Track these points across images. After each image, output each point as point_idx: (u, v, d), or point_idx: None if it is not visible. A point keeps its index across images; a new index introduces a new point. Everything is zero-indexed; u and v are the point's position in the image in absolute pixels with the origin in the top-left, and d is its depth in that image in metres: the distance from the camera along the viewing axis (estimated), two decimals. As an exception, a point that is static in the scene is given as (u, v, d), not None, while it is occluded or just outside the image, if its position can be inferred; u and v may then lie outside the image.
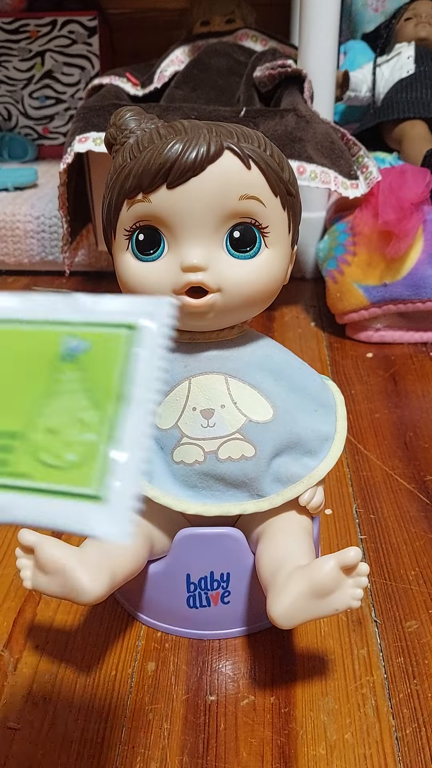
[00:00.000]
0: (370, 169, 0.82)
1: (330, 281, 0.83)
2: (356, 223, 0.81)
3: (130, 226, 0.41)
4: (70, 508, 0.21)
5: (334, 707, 0.41)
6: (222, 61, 1.01)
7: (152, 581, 0.45)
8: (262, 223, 0.40)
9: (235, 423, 0.42)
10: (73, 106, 1.34)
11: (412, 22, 1.13)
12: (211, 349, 0.43)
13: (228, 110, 0.83)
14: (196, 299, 0.40)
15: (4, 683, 0.43)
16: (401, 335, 0.84)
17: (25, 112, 1.36)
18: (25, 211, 1.03)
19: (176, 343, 0.44)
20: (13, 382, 0.23)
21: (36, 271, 1.07)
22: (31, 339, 0.24)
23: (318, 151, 0.80)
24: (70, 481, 0.22)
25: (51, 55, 1.31)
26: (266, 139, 0.40)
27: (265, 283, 0.41)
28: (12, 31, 1.30)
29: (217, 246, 0.40)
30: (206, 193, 0.38)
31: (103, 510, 0.21)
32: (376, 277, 0.79)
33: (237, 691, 0.42)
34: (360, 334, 0.84)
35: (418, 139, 1.01)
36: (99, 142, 0.80)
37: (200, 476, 0.42)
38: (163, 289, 0.41)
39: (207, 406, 0.42)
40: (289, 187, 0.41)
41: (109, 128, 0.42)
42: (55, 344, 0.23)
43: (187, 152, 0.38)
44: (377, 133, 1.09)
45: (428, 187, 0.78)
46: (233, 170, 0.38)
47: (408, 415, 0.69)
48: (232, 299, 0.41)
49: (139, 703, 0.42)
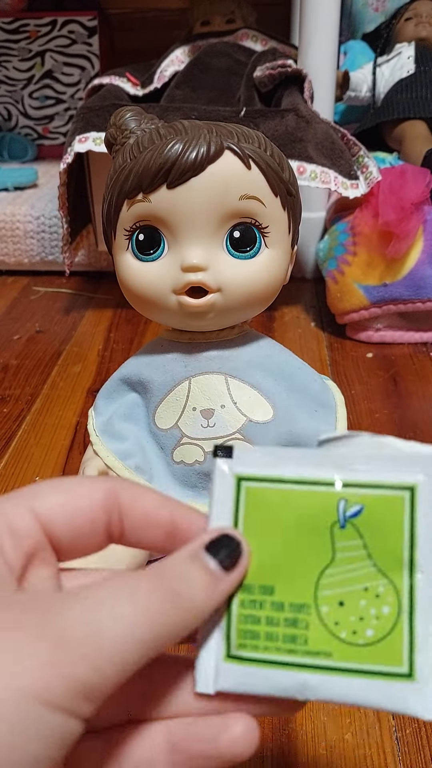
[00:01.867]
0: (370, 169, 0.82)
1: (330, 281, 0.83)
2: (356, 223, 0.81)
3: (130, 226, 0.41)
4: (382, 687, 0.21)
5: (334, 707, 0.41)
6: (222, 61, 1.01)
7: (152, 581, 0.45)
8: (262, 223, 0.40)
9: (235, 423, 0.42)
10: (73, 106, 1.34)
11: (412, 22, 1.13)
12: (211, 349, 0.43)
13: (228, 110, 0.83)
14: (196, 299, 0.40)
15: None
16: (401, 335, 0.84)
17: (25, 112, 1.36)
18: (25, 211, 1.03)
19: (176, 343, 0.44)
20: (294, 548, 0.22)
21: (36, 271, 1.07)
22: (306, 501, 0.22)
23: (318, 151, 0.80)
24: (376, 660, 0.21)
25: (51, 55, 1.31)
26: (266, 139, 0.40)
27: (265, 283, 0.41)
28: (12, 31, 1.30)
29: (217, 246, 0.40)
30: (206, 193, 0.38)
31: (418, 688, 0.21)
32: (377, 277, 0.79)
33: (237, 691, 0.42)
34: (360, 334, 0.84)
35: (419, 139, 1.01)
36: (99, 142, 0.80)
37: (200, 476, 0.42)
38: (163, 289, 0.41)
39: (207, 406, 0.42)
40: (289, 187, 0.41)
41: (109, 128, 0.42)
42: (332, 508, 0.22)
43: (187, 152, 0.38)
44: (377, 133, 1.09)
45: (428, 187, 0.78)
46: (233, 170, 0.38)
47: (408, 415, 0.69)
48: (232, 299, 0.41)
49: (139, 703, 0.42)
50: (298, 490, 0.22)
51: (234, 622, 0.22)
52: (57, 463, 0.64)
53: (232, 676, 0.22)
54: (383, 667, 0.21)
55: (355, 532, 0.22)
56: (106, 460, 0.43)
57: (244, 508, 0.23)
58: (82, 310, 0.95)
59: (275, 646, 0.22)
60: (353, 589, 0.22)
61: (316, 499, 0.22)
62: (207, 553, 0.21)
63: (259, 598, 0.22)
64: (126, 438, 0.44)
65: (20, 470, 0.63)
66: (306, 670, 0.21)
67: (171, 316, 0.42)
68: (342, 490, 0.22)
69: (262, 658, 0.22)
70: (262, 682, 0.21)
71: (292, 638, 0.21)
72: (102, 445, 0.44)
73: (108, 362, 0.81)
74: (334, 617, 0.21)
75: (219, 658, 0.22)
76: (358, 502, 0.22)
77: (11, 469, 0.63)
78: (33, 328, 0.90)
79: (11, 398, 0.74)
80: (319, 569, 0.22)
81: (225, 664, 0.22)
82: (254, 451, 0.23)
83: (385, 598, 0.21)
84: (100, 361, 0.81)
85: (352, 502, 0.22)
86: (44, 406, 0.72)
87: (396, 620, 0.21)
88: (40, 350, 0.84)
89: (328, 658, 0.21)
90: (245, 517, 0.23)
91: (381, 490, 0.22)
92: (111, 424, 0.45)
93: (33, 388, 0.76)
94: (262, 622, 0.22)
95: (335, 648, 0.21)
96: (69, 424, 0.69)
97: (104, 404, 0.46)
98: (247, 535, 0.22)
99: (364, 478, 0.22)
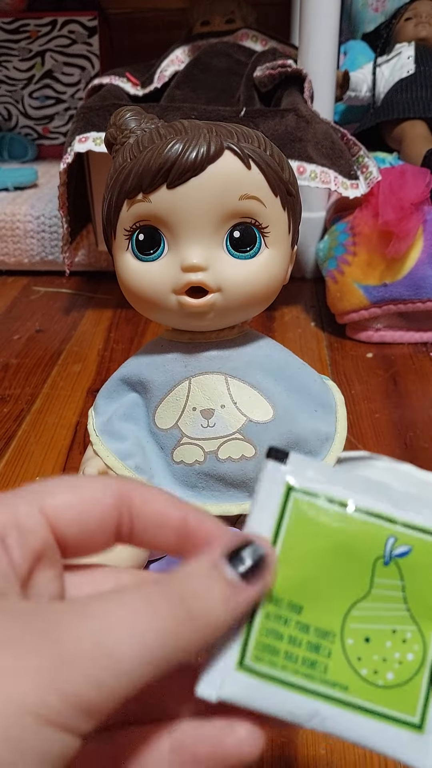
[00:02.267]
0: (370, 169, 0.82)
1: (330, 281, 0.83)
2: (356, 223, 0.81)
3: (130, 226, 0.41)
4: (389, 732, 0.21)
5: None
6: (222, 61, 1.01)
7: (152, 581, 0.45)
8: (262, 223, 0.40)
9: (235, 423, 0.42)
10: (73, 106, 1.34)
11: (412, 22, 1.13)
12: (211, 349, 0.43)
13: (228, 110, 0.83)
14: (196, 299, 0.40)
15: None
16: (401, 335, 0.84)
17: (25, 112, 1.36)
18: (25, 211, 1.03)
19: (176, 343, 0.44)
20: (331, 573, 0.22)
21: (36, 271, 1.07)
22: (357, 530, 0.22)
23: (318, 151, 0.80)
24: (390, 705, 0.21)
25: (51, 55, 1.31)
26: (266, 139, 0.40)
27: (265, 283, 0.41)
28: (12, 31, 1.30)
29: (217, 246, 0.40)
30: (206, 193, 0.38)
31: (424, 741, 0.21)
32: (377, 277, 0.79)
33: (237, 691, 0.42)
34: (360, 334, 0.84)
35: (418, 139, 1.01)
36: (99, 142, 0.80)
37: (200, 476, 0.42)
38: (163, 289, 0.41)
39: (207, 406, 0.42)
40: (289, 187, 0.41)
41: (109, 128, 0.42)
42: (379, 542, 0.22)
43: (187, 152, 0.38)
44: (377, 133, 1.09)
45: (428, 187, 0.78)
46: (233, 170, 0.38)
47: (408, 415, 0.69)
48: (232, 299, 0.41)
49: (139, 703, 0.42)
50: (350, 515, 0.22)
51: (254, 633, 0.21)
52: (57, 463, 0.64)
53: (240, 686, 0.21)
54: (396, 713, 0.21)
55: (397, 572, 0.22)
56: (106, 460, 0.43)
57: (288, 520, 0.22)
58: (82, 310, 0.95)
59: (293, 667, 0.21)
60: (382, 628, 0.21)
61: (366, 529, 0.22)
62: (228, 561, 0.21)
63: (286, 615, 0.21)
64: (126, 438, 0.44)
65: (20, 470, 0.63)
66: (319, 698, 0.21)
67: (171, 316, 0.42)
68: (394, 527, 0.22)
69: (277, 676, 0.21)
70: (271, 701, 0.21)
71: (312, 663, 0.21)
72: (102, 445, 0.44)
73: (108, 362, 0.81)
74: (357, 652, 0.21)
75: (230, 665, 0.21)
76: (408, 543, 0.22)
77: (11, 468, 0.63)
78: (33, 327, 0.90)
79: (11, 398, 0.74)
80: (351, 600, 0.21)
81: (235, 672, 0.21)
82: (310, 463, 0.23)
83: (412, 646, 0.21)
84: (100, 360, 0.81)
85: (402, 542, 0.22)
86: (44, 406, 0.72)
87: (418, 669, 0.21)
88: (40, 350, 0.84)
89: (345, 692, 0.21)
90: (287, 529, 0.22)
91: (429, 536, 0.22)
92: (111, 424, 0.45)
93: (33, 387, 0.76)
94: (285, 639, 0.21)
95: (353, 683, 0.21)
96: (69, 423, 0.69)
97: (104, 404, 0.46)
98: (286, 548, 0.22)
99: (418, 522, 0.22)
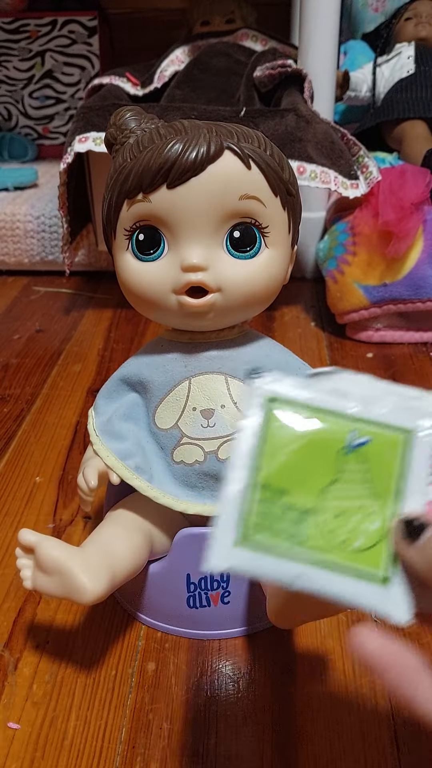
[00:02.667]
0: (370, 169, 0.82)
1: (330, 281, 0.83)
2: (356, 223, 0.81)
3: (130, 226, 0.41)
4: (360, 586, 0.25)
5: (334, 707, 0.41)
6: (222, 61, 1.01)
7: (152, 581, 0.45)
8: (262, 223, 0.40)
9: (235, 423, 0.42)
10: (73, 106, 1.34)
11: (412, 22, 1.13)
12: (211, 349, 0.43)
13: (228, 110, 0.83)
14: (196, 299, 0.40)
15: (4, 683, 0.43)
16: (401, 335, 0.84)
17: (25, 112, 1.36)
18: (25, 211, 1.03)
19: (176, 343, 0.44)
20: (308, 464, 0.27)
21: (36, 271, 1.07)
22: (325, 427, 0.27)
23: (318, 151, 0.80)
24: (360, 562, 0.26)
25: (51, 55, 1.31)
26: (266, 139, 0.40)
27: (265, 283, 0.41)
28: (12, 31, 1.30)
29: (217, 246, 0.40)
30: (206, 193, 0.38)
31: (388, 592, 0.25)
32: (376, 277, 0.79)
33: (237, 691, 0.42)
34: (360, 334, 0.84)
35: (418, 139, 1.01)
36: (99, 142, 0.80)
37: (200, 476, 0.42)
38: (163, 289, 0.41)
39: (207, 406, 0.42)
40: (289, 187, 0.41)
41: (109, 128, 0.42)
42: (342, 436, 0.27)
43: (187, 152, 0.38)
44: (377, 133, 1.09)
45: (428, 187, 0.78)
46: (233, 170, 0.38)
47: (408, 415, 0.69)
48: (232, 299, 0.41)
49: (139, 703, 0.42)
50: (319, 416, 0.27)
51: (251, 515, 0.26)
52: (57, 462, 0.64)
53: (241, 558, 0.26)
54: (365, 569, 0.25)
55: (359, 459, 0.26)
56: (106, 459, 0.43)
57: (270, 422, 0.27)
58: (82, 310, 0.95)
59: (282, 539, 0.26)
60: (351, 505, 0.26)
61: (332, 426, 0.27)
62: None
63: (274, 498, 0.26)
64: (126, 438, 0.44)
65: (20, 469, 0.63)
66: (303, 563, 0.25)
67: (171, 316, 0.42)
68: (356, 424, 0.27)
69: (270, 548, 0.26)
70: (265, 568, 0.26)
71: (296, 535, 0.26)
72: (102, 445, 0.44)
73: (108, 362, 0.81)
74: (331, 525, 0.26)
75: (230, 543, 0.26)
76: (367, 435, 0.27)
77: (11, 468, 0.63)
78: (33, 327, 0.90)
79: (11, 398, 0.74)
80: (324, 483, 0.26)
81: (235, 549, 0.26)
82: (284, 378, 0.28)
83: (373, 516, 0.26)
84: (100, 360, 0.81)
85: (362, 434, 0.27)
86: (44, 406, 0.72)
87: (381, 535, 0.26)
88: (40, 350, 0.84)
89: (323, 554, 0.26)
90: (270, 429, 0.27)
91: (385, 429, 0.27)
92: (111, 424, 0.45)
93: (33, 387, 0.76)
94: (274, 517, 0.26)
95: (330, 549, 0.26)
96: (69, 423, 0.69)
97: (104, 404, 0.46)
98: (270, 444, 0.27)
99: (374, 417, 0.27)
